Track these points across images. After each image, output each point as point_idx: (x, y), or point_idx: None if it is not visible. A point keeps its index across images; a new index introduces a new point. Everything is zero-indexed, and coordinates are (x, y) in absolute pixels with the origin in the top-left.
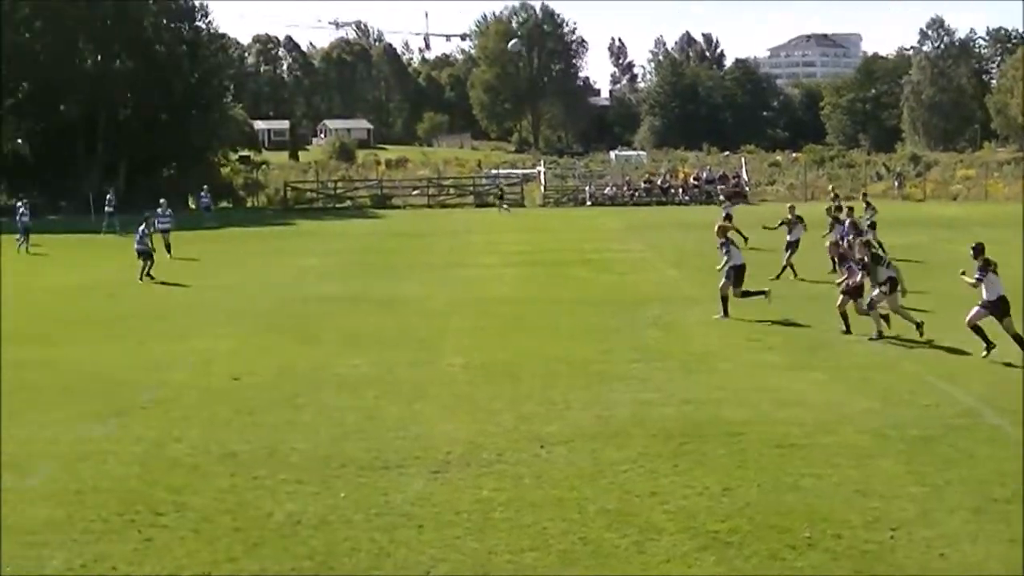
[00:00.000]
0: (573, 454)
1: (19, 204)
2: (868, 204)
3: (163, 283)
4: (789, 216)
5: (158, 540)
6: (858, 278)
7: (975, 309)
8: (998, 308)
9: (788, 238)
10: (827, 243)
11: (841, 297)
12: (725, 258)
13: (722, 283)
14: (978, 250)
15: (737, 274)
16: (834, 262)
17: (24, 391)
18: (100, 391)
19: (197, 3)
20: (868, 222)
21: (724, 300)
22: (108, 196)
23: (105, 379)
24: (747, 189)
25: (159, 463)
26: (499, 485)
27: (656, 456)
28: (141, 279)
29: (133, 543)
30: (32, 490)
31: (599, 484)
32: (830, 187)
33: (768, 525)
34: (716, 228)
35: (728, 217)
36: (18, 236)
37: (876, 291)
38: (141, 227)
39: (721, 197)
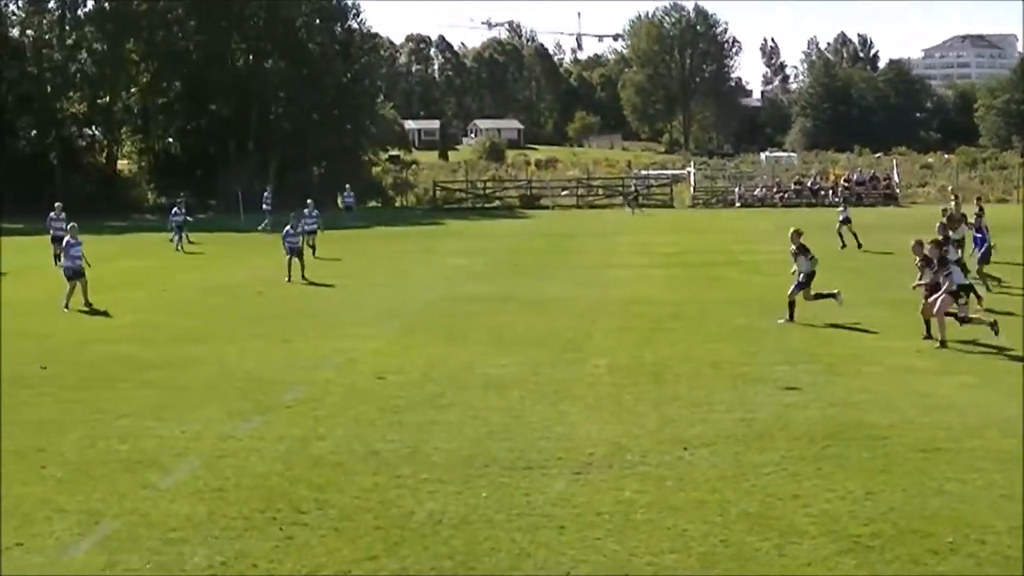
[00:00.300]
0: (716, 456)
1: (178, 200)
2: (980, 208)
3: (311, 283)
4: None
5: (299, 538)
6: (934, 279)
7: None
8: None
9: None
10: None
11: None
12: (795, 265)
13: (791, 289)
14: None
15: (808, 281)
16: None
17: (170, 388)
18: (245, 389)
19: (349, 2)
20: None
21: (791, 305)
22: (265, 194)
23: (250, 377)
24: (898, 191)
25: (302, 461)
26: (641, 487)
27: (799, 459)
28: (289, 279)
29: (274, 540)
30: (174, 487)
31: (741, 487)
32: (949, 188)
33: (911, 530)
34: (790, 233)
35: (846, 220)
36: (172, 236)
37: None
38: (287, 227)
39: (839, 200)
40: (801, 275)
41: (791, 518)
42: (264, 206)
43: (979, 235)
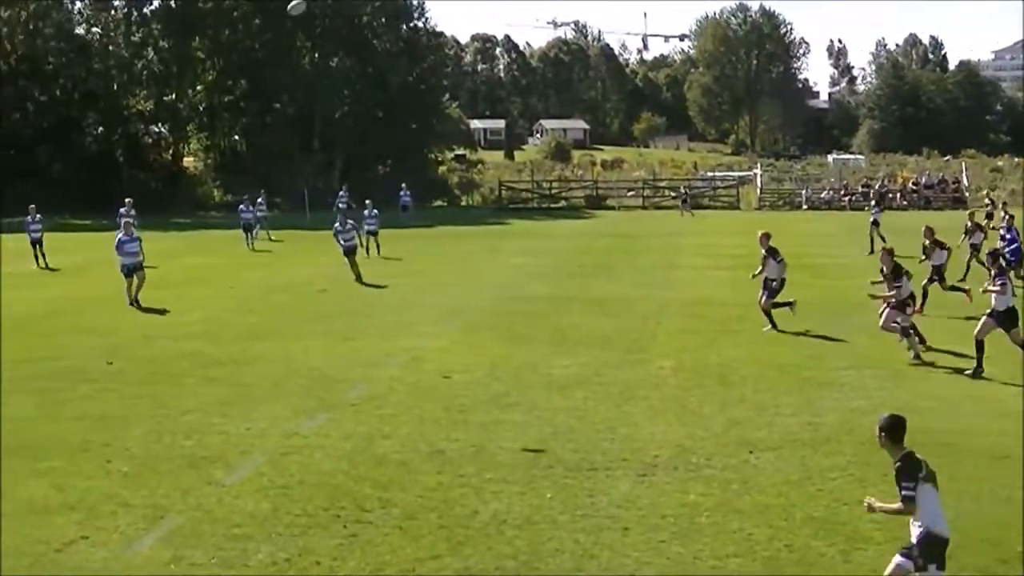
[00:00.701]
0: (781, 460)
1: (259, 200)
2: (1008, 213)
3: (373, 285)
4: None
5: (363, 536)
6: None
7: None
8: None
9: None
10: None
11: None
12: (760, 268)
13: (761, 296)
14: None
15: (780, 287)
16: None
17: (235, 385)
18: (310, 386)
19: (415, 2)
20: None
21: (767, 313)
22: (340, 194)
23: (315, 375)
24: (967, 194)
25: (366, 459)
26: (706, 490)
27: (865, 464)
28: (358, 280)
29: (338, 538)
30: (239, 484)
31: (807, 491)
32: (985, 192)
33: (980, 538)
34: (759, 236)
35: (875, 223)
36: (254, 231)
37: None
38: (335, 224)
39: (872, 202)
40: (774, 281)
41: (857, 524)
42: (340, 205)
43: (1010, 237)
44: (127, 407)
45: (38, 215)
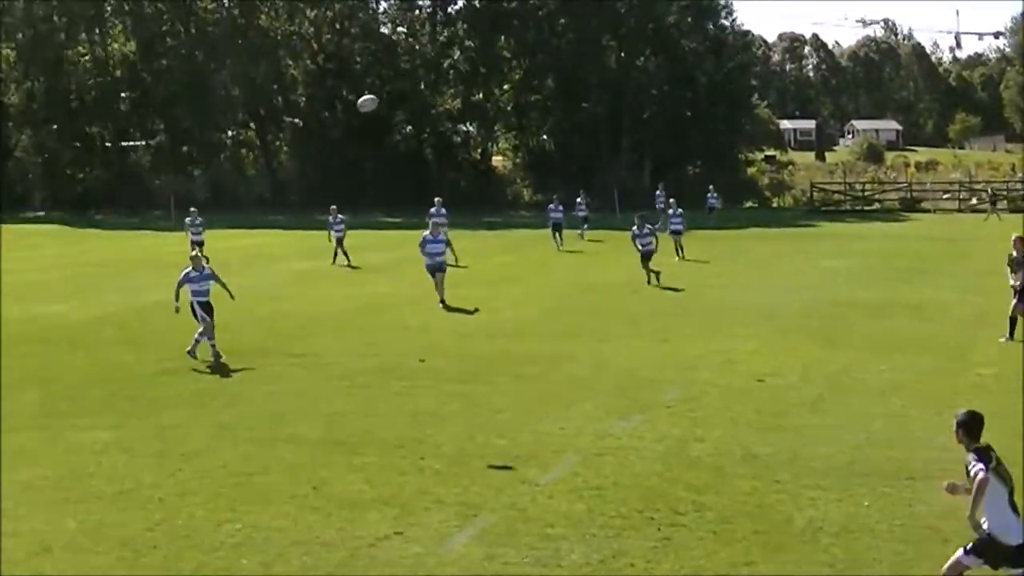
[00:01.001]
0: None
1: (579, 200)
2: None
3: (671, 289)
4: None
5: (676, 539)
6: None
7: None
8: None
9: None
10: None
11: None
12: (1012, 278)
13: (1013, 304)
14: None
15: None
16: None
17: (547, 384)
18: (624, 387)
19: (722, 1)
20: None
21: (1012, 322)
22: (657, 193)
23: (629, 375)
24: None
25: (680, 462)
26: None
27: None
28: (649, 283)
29: (652, 541)
30: (553, 483)
31: None
32: None
33: None
34: (1013, 240)
35: None
36: (580, 229)
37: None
38: (633, 228)
39: None
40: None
41: None
42: (658, 205)
43: None
44: (440, 404)
45: (339, 215)
